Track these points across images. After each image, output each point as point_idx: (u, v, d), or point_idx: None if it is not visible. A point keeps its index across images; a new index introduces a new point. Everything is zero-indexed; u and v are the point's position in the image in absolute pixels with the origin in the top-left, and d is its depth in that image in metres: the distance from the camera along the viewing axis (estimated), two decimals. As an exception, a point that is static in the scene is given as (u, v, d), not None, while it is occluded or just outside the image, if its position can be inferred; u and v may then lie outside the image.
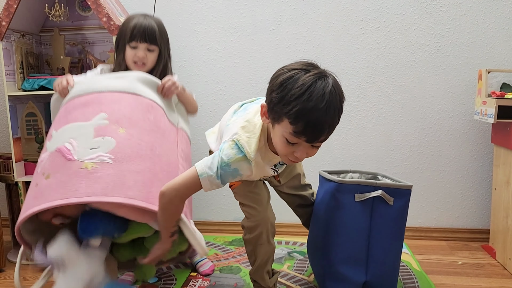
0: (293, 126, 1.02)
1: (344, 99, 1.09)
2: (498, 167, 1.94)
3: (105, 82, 1.35)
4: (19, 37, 1.97)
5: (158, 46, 1.57)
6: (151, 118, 1.32)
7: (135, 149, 1.22)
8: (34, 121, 2.09)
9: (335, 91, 1.04)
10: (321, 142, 1.08)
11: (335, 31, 2.13)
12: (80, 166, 1.15)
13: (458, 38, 2.07)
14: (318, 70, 1.06)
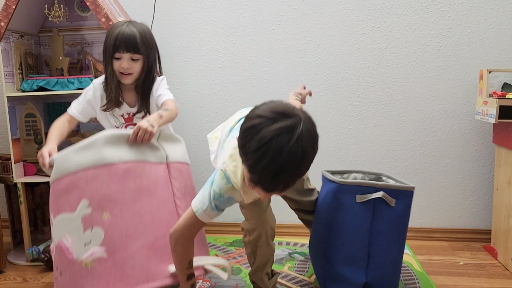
0: (250, 175, 1.00)
1: (313, 149, 0.98)
2: (499, 167, 1.93)
3: (75, 158, 1.30)
4: (18, 37, 1.96)
5: (142, 54, 1.53)
6: (131, 184, 1.30)
7: (123, 231, 1.26)
8: (33, 121, 2.08)
9: (297, 146, 0.93)
10: (287, 190, 1.03)
11: (336, 31, 2.12)
12: (81, 266, 1.25)
13: (459, 38, 2.06)
14: (285, 122, 0.95)
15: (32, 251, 1.92)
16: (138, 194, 1.30)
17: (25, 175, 1.95)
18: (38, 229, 2.19)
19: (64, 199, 1.30)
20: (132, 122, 1.63)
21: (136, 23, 1.56)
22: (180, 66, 2.23)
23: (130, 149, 1.33)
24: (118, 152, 1.31)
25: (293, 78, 2.17)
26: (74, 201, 1.28)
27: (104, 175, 1.29)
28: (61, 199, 1.30)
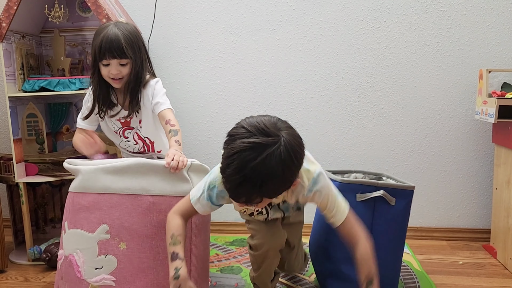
0: (222, 178, 1.06)
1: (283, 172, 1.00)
2: (499, 166, 1.94)
3: (103, 179, 1.29)
4: (20, 38, 1.97)
5: (129, 57, 1.48)
6: (154, 219, 1.28)
7: (136, 265, 1.26)
8: (35, 122, 2.09)
9: (263, 166, 0.97)
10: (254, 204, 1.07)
11: (336, 31, 2.13)
12: (87, 287, 1.27)
13: (458, 38, 2.07)
14: (260, 139, 0.98)
15: (33, 251, 1.93)
16: (158, 229, 1.28)
17: (27, 175, 1.96)
18: (39, 228, 2.20)
19: (84, 216, 1.30)
20: (129, 126, 1.62)
21: (120, 24, 1.50)
22: (181, 67, 2.24)
23: (160, 180, 1.30)
24: (147, 183, 1.29)
25: (293, 78, 2.18)
26: (94, 222, 1.29)
27: (129, 205, 1.28)
28: (81, 214, 1.30)
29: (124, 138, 1.64)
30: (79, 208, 1.31)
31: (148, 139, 1.66)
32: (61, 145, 2.18)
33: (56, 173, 1.98)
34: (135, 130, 1.63)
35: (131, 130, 1.63)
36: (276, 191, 1.05)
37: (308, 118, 2.20)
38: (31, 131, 2.10)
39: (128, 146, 1.67)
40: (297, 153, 1.03)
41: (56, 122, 2.16)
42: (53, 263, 1.87)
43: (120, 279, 1.25)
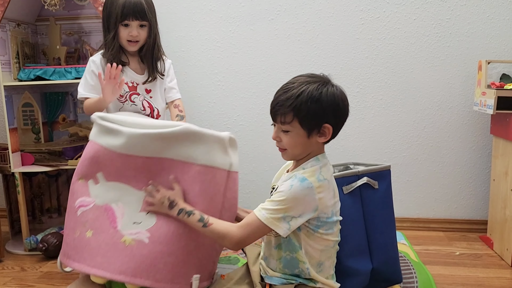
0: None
1: (316, 101, 1.13)
2: (496, 158, 1.94)
3: (153, 146, 1.26)
4: (15, 26, 1.94)
5: (149, 20, 1.58)
6: (196, 188, 1.27)
7: (172, 228, 1.25)
8: (31, 111, 2.07)
9: (306, 86, 1.14)
10: (283, 124, 1.16)
11: (335, 21, 2.11)
12: (120, 239, 1.24)
13: (458, 29, 2.05)
14: (317, 78, 1.19)
15: (30, 241, 1.92)
16: (198, 198, 1.27)
17: (23, 165, 1.94)
18: (36, 218, 2.19)
19: (133, 174, 1.28)
20: (135, 91, 1.64)
21: None
22: (178, 56, 2.22)
23: (207, 150, 1.28)
24: (195, 152, 1.27)
25: (291, 68, 2.17)
26: (143, 182, 1.28)
27: (177, 171, 1.27)
28: (130, 172, 1.28)
29: (131, 102, 1.64)
30: (128, 166, 1.28)
31: (157, 111, 1.68)
32: (57, 134, 2.17)
33: (53, 163, 1.97)
34: (143, 97, 1.65)
35: (137, 95, 1.64)
36: (308, 113, 1.13)
37: (306, 109, 2.18)
38: (27, 120, 2.08)
39: (132, 110, 1.65)
40: (335, 102, 1.16)
41: (52, 111, 2.14)
42: (50, 253, 1.86)
43: (154, 238, 1.24)
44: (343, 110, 1.19)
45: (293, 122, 1.14)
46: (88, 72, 1.62)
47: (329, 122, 1.16)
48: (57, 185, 2.21)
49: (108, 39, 1.57)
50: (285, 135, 1.17)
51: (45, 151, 2.08)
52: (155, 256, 1.23)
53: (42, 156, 2.05)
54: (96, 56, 1.63)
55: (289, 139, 1.17)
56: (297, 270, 1.21)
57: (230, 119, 2.25)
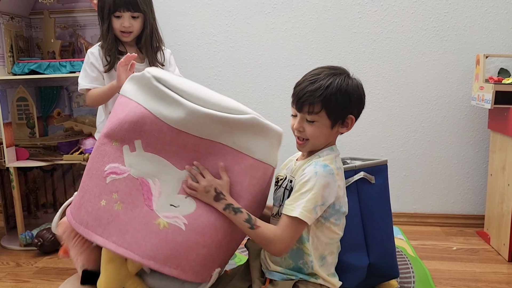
0: (292, 100, 1.21)
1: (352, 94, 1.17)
2: (494, 153, 1.93)
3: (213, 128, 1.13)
4: (8, 19, 1.92)
5: (142, 11, 1.57)
6: (245, 182, 1.17)
7: (212, 219, 1.14)
8: (25, 106, 2.06)
9: (332, 78, 1.17)
10: (310, 114, 1.16)
11: (332, 15, 2.10)
12: (154, 220, 1.11)
13: (456, 23, 2.04)
14: (341, 70, 1.22)
15: (25, 236, 1.91)
16: (244, 193, 1.17)
17: (18, 160, 1.93)
18: (31, 213, 2.18)
19: (175, 150, 1.15)
20: None
21: None
22: (174, 50, 2.19)
23: (266, 145, 1.18)
24: (253, 144, 1.17)
25: (288, 62, 2.15)
26: (185, 161, 1.16)
27: (228, 159, 1.16)
28: (173, 148, 1.15)
29: None
30: (175, 141, 1.15)
31: None
32: (52, 129, 2.15)
33: (48, 157, 1.96)
34: None
35: None
36: (336, 104, 1.15)
37: (303, 103, 2.17)
38: (22, 115, 2.06)
39: None
40: (360, 94, 1.20)
41: (47, 106, 2.13)
42: (45, 249, 1.85)
43: (192, 225, 1.13)
44: (364, 102, 1.23)
45: (321, 112, 1.16)
46: (88, 64, 1.61)
47: (353, 114, 1.19)
48: (52, 180, 2.19)
49: (103, 30, 1.58)
50: (309, 125, 1.18)
51: (40, 146, 2.06)
52: (190, 245, 1.13)
53: (37, 151, 2.04)
54: (94, 48, 1.63)
55: (314, 130, 1.17)
56: (301, 262, 1.20)
57: (226, 113, 2.23)
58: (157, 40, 1.65)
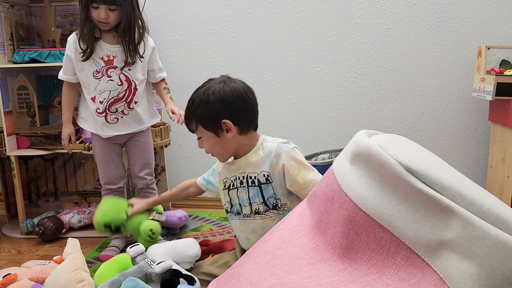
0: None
1: (216, 102, 1.25)
2: (494, 144, 1.93)
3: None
4: (8, 7, 1.91)
5: (119, 4, 1.57)
6: (351, 233, 0.82)
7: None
8: (26, 94, 2.05)
9: (198, 93, 1.28)
10: (193, 132, 1.30)
11: (334, 5, 2.08)
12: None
13: (458, 14, 2.03)
14: (209, 82, 1.31)
15: (26, 224, 1.92)
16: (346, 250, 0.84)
17: (18, 148, 1.93)
18: (32, 202, 2.19)
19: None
20: (112, 65, 1.64)
21: None
22: (175, 40, 2.19)
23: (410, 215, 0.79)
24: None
25: (290, 53, 2.14)
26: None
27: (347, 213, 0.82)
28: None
29: (107, 77, 1.63)
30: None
31: (135, 84, 1.67)
32: (53, 118, 2.15)
33: (49, 146, 1.96)
34: (120, 71, 1.64)
35: (114, 69, 1.64)
36: (203, 116, 1.24)
37: (304, 94, 2.17)
38: (22, 103, 2.06)
39: (109, 87, 1.64)
40: (225, 99, 1.24)
41: (48, 95, 2.12)
42: (46, 237, 1.87)
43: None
44: (237, 103, 1.25)
45: (199, 128, 1.27)
46: (65, 54, 1.66)
47: (226, 118, 1.24)
48: (53, 169, 2.20)
49: (82, 17, 1.60)
50: (201, 142, 1.31)
51: (41, 135, 2.06)
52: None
53: (38, 140, 2.04)
54: (71, 36, 1.65)
55: (205, 144, 1.30)
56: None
57: (227, 104, 2.23)
58: (136, 31, 1.64)
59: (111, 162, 1.74)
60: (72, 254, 1.24)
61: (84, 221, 1.99)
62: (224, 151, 1.30)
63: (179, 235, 1.96)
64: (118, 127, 1.69)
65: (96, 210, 1.58)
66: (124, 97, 1.66)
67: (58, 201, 2.22)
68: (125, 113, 1.68)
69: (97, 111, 1.66)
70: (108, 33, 1.64)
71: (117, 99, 1.65)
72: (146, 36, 1.68)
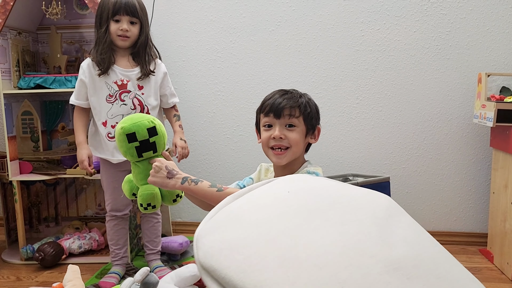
0: (263, 114, 1.25)
1: (317, 108, 1.28)
2: (496, 171, 1.93)
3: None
4: (16, 34, 1.94)
5: (140, 18, 1.64)
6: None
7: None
8: (30, 119, 2.07)
9: (304, 94, 1.27)
10: (291, 118, 1.20)
11: (335, 33, 2.12)
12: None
13: (458, 41, 2.06)
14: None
15: (26, 250, 1.90)
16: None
17: (21, 173, 1.93)
18: (33, 227, 2.17)
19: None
20: (126, 89, 1.66)
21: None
22: (179, 66, 2.22)
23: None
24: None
25: (292, 79, 2.17)
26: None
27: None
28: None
29: (121, 101, 1.66)
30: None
31: (147, 108, 1.69)
32: (56, 143, 2.16)
33: (51, 171, 1.96)
34: (134, 94, 1.67)
35: (128, 93, 1.66)
36: (310, 111, 1.22)
37: (306, 120, 2.18)
38: (26, 128, 2.08)
39: (122, 112, 1.65)
40: (318, 111, 1.28)
41: (52, 120, 2.14)
42: (46, 263, 1.85)
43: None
44: (318, 117, 1.29)
45: (300, 117, 1.21)
46: (78, 79, 1.68)
47: (319, 124, 1.28)
48: (55, 194, 2.20)
49: (100, 33, 1.63)
50: (290, 131, 1.21)
51: (44, 160, 2.07)
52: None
53: (41, 165, 2.05)
54: (85, 62, 1.68)
55: (295, 135, 1.20)
56: None
57: (230, 129, 2.24)
58: (150, 50, 1.71)
59: (118, 189, 1.73)
60: (72, 281, 1.22)
61: (84, 246, 1.97)
62: (299, 152, 1.25)
63: (180, 261, 1.94)
64: None
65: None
66: None
67: (58, 226, 2.20)
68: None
69: (109, 136, 1.67)
70: (122, 57, 1.68)
71: None
72: (158, 62, 1.74)
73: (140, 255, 2.01)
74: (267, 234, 0.76)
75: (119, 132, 1.13)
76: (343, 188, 0.95)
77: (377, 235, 0.79)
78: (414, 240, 0.83)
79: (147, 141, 1.13)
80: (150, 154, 1.15)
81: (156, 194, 1.15)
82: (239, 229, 0.79)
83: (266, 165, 1.38)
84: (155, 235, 1.83)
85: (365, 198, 0.92)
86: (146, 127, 1.13)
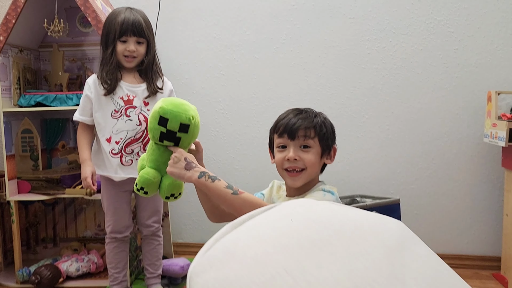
0: (277, 134, 1.19)
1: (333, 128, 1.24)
2: (509, 192, 1.87)
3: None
4: (17, 52, 1.93)
5: (146, 38, 1.63)
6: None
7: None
8: (30, 138, 2.04)
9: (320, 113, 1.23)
10: (306, 139, 1.15)
11: (340, 51, 2.09)
12: None
13: (466, 59, 2.02)
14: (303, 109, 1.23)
15: (22, 273, 1.84)
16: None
17: (20, 193, 1.89)
18: (30, 248, 2.12)
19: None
20: (131, 105, 1.63)
21: (136, 9, 1.64)
22: (182, 84, 2.19)
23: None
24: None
25: (296, 97, 2.13)
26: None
27: None
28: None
29: (126, 117, 1.62)
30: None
31: None
32: (56, 162, 2.12)
33: (50, 191, 1.92)
34: (140, 110, 1.63)
35: (133, 108, 1.63)
36: (326, 131, 1.19)
37: (311, 139, 2.14)
38: (26, 147, 2.04)
39: (127, 127, 1.62)
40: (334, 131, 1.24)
41: (52, 138, 2.10)
42: (43, 286, 1.78)
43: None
44: (334, 137, 1.26)
45: (315, 138, 1.17)
46: (83, 95, 1.64)
47: (335, 144, 1.24)
48: (53, 214, 2.14)
49: (106, 54, 1.61)
50: (305, 152, 1.17)
51: (43, 179, 2.03)
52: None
53: (40, 184, 2.00)
54: (91, 78, 1.65)
55: (311, 156, 1.16)
56: None
57: (233, 148, 2.20)
58: (157, 67, 1.70)
59: (120, 210, 1.69)
60: None
61: (82, 269, 1.91)
62: (315, 174, 1.21)
63: (181, 285, 1.87)
64: (132, 170, 1.64)
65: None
66: (141, 138, 1.64)
67: (56, 248, 2.14)
68: (139, 155, 1.64)
69: (112, 152, 1.62)
70: (129, 74, 1.65)
71: (134, 140, 1.63)
72: (165, 79, 1.71)
73: (140, 278, 1.94)
74: (265, 273, 0.70)
75: (156, 110, 1.10)
76: (351, 214, 0.89)
77: (389, 271, 0.72)
78: (430, 277, 0.76)
79: (173, 133, 1.10)
80: (171, 144, 1.12)
81: (153, 183, 1.12)
82: (235, 266, 0.73)
83: (278, 182, 1.32)
84: (156, 258, 1.77)
85: (375, 225, 0.86)
86: (180, 121, 1.09)
